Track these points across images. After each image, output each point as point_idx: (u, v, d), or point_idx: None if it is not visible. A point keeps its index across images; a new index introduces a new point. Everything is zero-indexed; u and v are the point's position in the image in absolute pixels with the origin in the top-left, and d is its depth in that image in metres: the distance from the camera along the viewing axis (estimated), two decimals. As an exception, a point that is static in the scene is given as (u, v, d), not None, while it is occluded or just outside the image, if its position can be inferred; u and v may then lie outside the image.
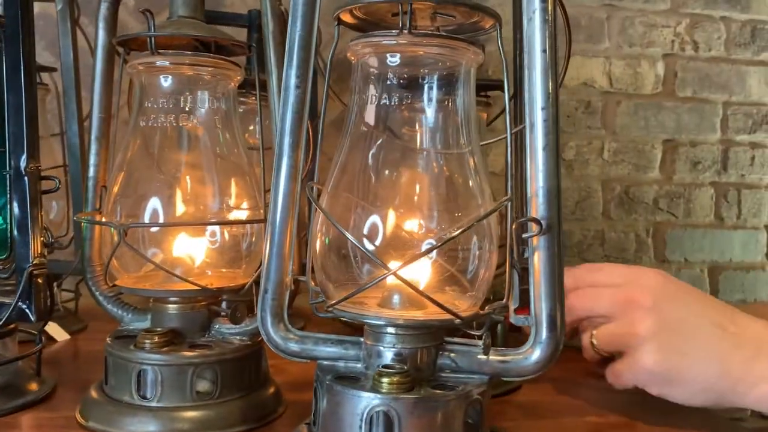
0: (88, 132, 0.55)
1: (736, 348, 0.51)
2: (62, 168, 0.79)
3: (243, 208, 0.54)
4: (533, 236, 0.41)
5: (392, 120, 0.45)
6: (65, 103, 0.75)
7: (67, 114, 0.75)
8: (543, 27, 0.41)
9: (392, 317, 0.42)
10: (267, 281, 0.45)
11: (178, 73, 0.51)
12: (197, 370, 0.49)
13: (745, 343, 0.51)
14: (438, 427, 0.41)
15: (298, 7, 0.44)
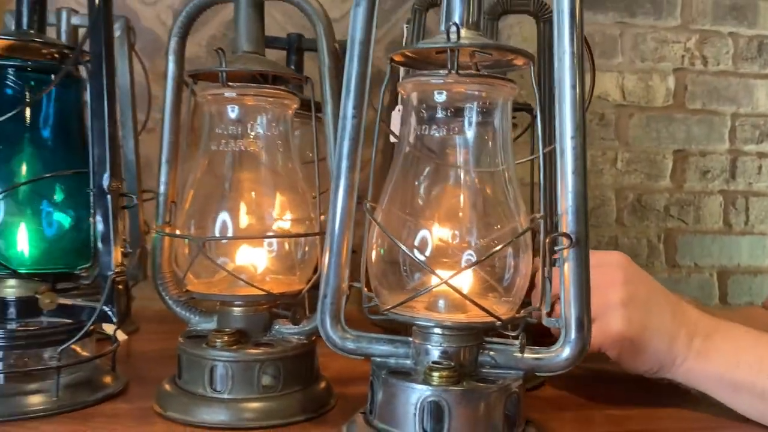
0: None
1: (682, 327, 0.59)
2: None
3: (298, 221, 0.60)
4: (564, 249, 0.47)
5: (438, 145, 0.51)
6: (122, 121, 0.82)
7: (124, 132, 0.81)
8: (572, 67, 0.47)
9: (440, 319, 0.49)
10: (326, 287, 0.52)
11: (243, 103, 0.57)
12: (263, 366, 0.56)
13: (687, 324, 0.59)
14: (481, 416, 0.47)
15: (355, 48, 0.50)
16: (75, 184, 0.60)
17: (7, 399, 0.56)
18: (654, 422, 0.60)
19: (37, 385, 0.57)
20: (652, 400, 0.64)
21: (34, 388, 0.57)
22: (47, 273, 0.58)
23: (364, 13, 0.50)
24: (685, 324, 0.60)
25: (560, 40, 0.48)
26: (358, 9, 0.50)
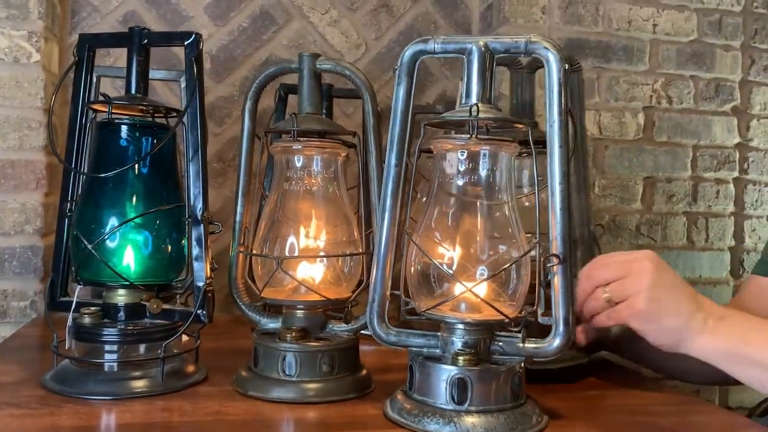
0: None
1: (698, 310, 0.72)
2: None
3: (346, 242, 0.77)
4: (554, 266, 0.64)
5: (460, 186, 0.68)
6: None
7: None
8: (559, 131, 0.65)
9: (462, 318, 0.65)
10: (374, 293, 0.68)
11: (306, 153, 0.74)
12: (322, 356, 0.72)
13: (703, 308, 0.73)
14: (494, 389, 0.64)
15: (398, 116, 0.67)
16: (169, 213, 0.76)
17: (120, 382, 0.71)
18: (628, 398, 0.77)
19: (141, 372, 0.72)
20: (628, 381, 0.81)
21: (140, 374, 0.72)
22: (152, 284, 0.74)
23: (404, 90, 0.67)
24: (701, 308, 0.72)
25: (550, 111, 0.65)
26: (400, 87, 0.67)
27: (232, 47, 1.29)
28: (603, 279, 0.74)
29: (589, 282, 0.75)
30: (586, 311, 0.76)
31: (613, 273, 0.74)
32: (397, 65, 0.67)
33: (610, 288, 0.74)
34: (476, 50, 0.65)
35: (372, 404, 0.71)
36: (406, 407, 0.65)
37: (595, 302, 0.75)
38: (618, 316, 0.73)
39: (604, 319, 0.75)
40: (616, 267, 0.75)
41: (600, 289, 0.74)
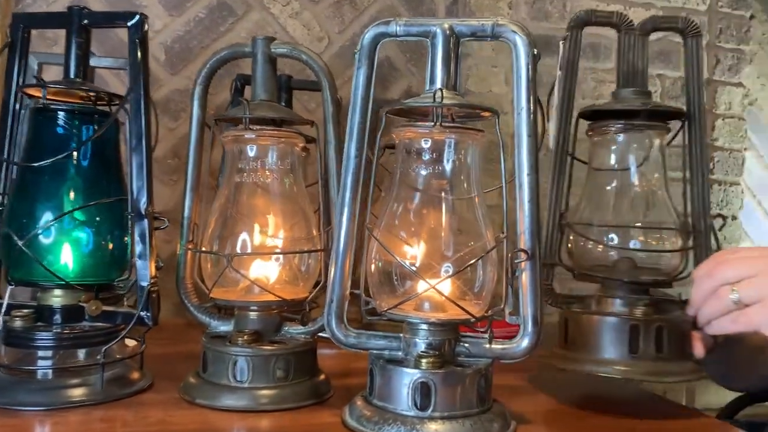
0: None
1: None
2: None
3: (303, 238, 0.72)
4: (522, 261, 0.61)
5: (423, 178, 0.64)
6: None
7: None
8: (528, 119, 0.61)
9: (426, 317, 0.61)
10: (332, 293, 0.64)
11: (260, 143, 0.69)
12: (276, 360, 0.67)
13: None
14: (459, 393, 0.60)
15: (357, 103, 0.63)
16: (111, 208, 0.70)
17: (55, 391, 0.65)
18: (600, 402, 0.74)
19: (79, 379, 0.67)
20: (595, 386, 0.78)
21: (77, 382, 0.66)
22: (91, 284, 0.68)
23: (364, 75, 0.63)
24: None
25: (518, 99, 0.61)
26: (360, 72, 0.63)
27: (188, 38, 1.23)
28: (730, 276, 0.63)
29: (710, 281, 0.64)
30: (704, 314, 0.66)
31: (744, 270, 0.63)
32: (357, 49, 0.63)
33: (740, 287, 0.62)
34: (441, 33, 0.61)
35: (330, 411, 0.66)
36: (365, 414, 0.61)
37: (718, 303, 0.64)
38: (748, 321, 0.62)
39: (729, 324, 0.63)
40: (747, 263, 0.63)
41: (726, 287, 0.63)
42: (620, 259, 0.75)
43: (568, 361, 0.71)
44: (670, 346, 0.68)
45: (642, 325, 0.68)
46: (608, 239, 0.75)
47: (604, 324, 0.70)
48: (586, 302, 0.75)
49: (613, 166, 0.79)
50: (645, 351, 0.68)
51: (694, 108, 0.79)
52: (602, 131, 0.78)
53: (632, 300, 0.71)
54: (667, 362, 0.69)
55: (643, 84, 0.76)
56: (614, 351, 0.69)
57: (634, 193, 0.78)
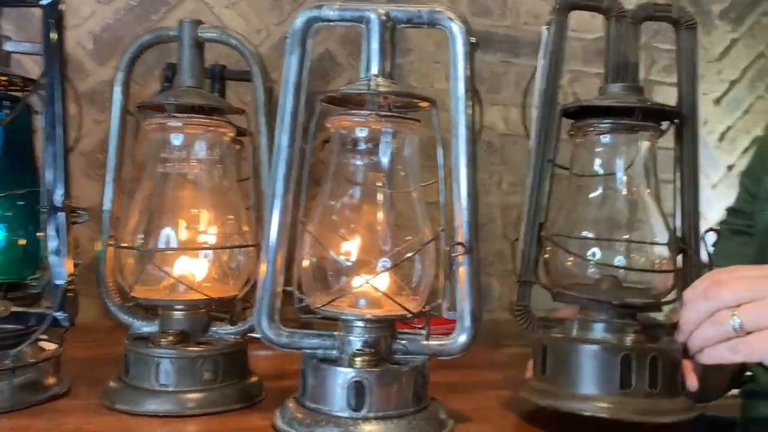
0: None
1: None
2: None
3: (233, 234, 0.69)
4: (459, 255, 0.59)
5: (359, 170, 0.62)
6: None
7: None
8: (465, 109, 0.60)
9: (362, 314, 0.59)
10: (263, 291, 0.61)
11: (186, 131, 0.66)
12: (203, 362, 0.63)
13: None
14: (395, 392, 0.58)
15: (289, 89, 0.60)
16: (24, 201, 0.65)
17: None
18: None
19: (-13, 386, 0.62)
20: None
21: (-16, 389, 0.61)
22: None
23: (296, 60, 0.60)
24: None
25: (455, 88, 0.60)
26: (292, 57, 0.60)
27: (118, 27, 1.17)
28: (729, 299, 0.55)
29: (706, 303, 0.56)
30: (697, 341, 0.58)
31: (745, 292, 0.55)
32: (288, 33, 0.60)
33: (742, 311, 0.54)
34: (376, 18, 0.59)
35: (261, 414, 0.63)
36: (297, 417, 0.58)
37: (714, 328, 0.56)
38: (750, 350, 0.54)
39: (727, 353, 0.55)
40: (748, 284, 0.55)
41: (724, 311, 0.55)
42: (603, 277, 0.64)
43: (547, 396, 0.61)
44: (664, 379, 0.60)
45: (635, 356, 0.59)
46: (590, 254, 0.65)
47: (590, 353, 0.60)
48: (567, 326, 0.65)
49: (597, 171, 0.68)
50: (638, 386, 0.59)
51: (687, 106, 0.68)
52: (587, 131, 0.68)
53: (619, 325, 0.62)
54: (660, 398, 0.60)
55: (634, 78, 0.66)
56: (602, 385, 0.59)
57: (621, 202, 0.67)
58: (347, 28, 1.28)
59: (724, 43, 1.72)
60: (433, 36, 1.29)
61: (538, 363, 0.64)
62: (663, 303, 0.64)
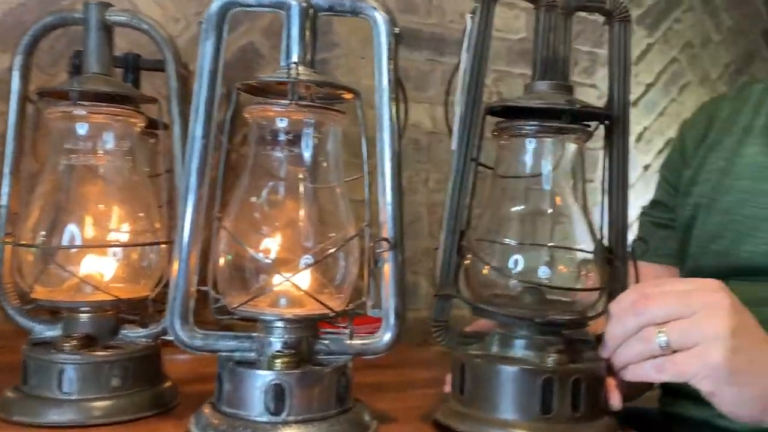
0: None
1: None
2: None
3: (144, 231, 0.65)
4: (384, 251, 0.57)
5: (279, 163, 0.59)
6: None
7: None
8: (389, 100, 0.58)
9: (282, 313, 0.56)
10: (176, 291, 0.57)
11: (92, 121, 0.61)
12: (111, 367, 0.59)
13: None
14: (317, 395, 0.55)
15: (204, 77, 0.57)
16: None
17: None
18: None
19: None
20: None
21: None
22: None
23: (211, 46, 0.57)
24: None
25: (379, 80, 0.58)
26: (207, 42, 0.57)
27: (21, 12, 1.10)
28: (657, 315, 0.53)
29: (633, 318, 0.53)
30: (622, 357, 0.55)
31: (674, 308, 0.53)
32: (203, 18, 0.57)
33: (669, 328, 0.52)
34: (296, 5, 0.56)
35: (175, 421, 0.59)
36: (213, 423, 0.54)
37: (640, 345, 0.53)
38: (678, 371, 0.52)
39: (652, 372, 0.53)
40: (677, 300, 0.53)
41: (651, 328, 0.53)
42: (525, 288, 0.60)
43: (465, 420, 0.57)
44: (587, 401, 0.56)
45: (557, 378, 0.55)
46: (512, 263, 0.60)
47: (509, 376, 0.56)
48: (487, 341, 0.61)
49: (523, 174, 0.63)
50: (560, 411, 0.55)
51: (618, 106, 0.63)
52: (512, 133, 0.63)
53: (542, 343, 0.58)
54: (583, 423, 0.56)
55: (564, 75, 0.61)
56: (521, 410, 0.55)
57: (546, 207, 0.63)
58: (271, 20, 1.25)
59: (641, 47, 1.78)
60: (359, 31, 1.27)
61: (457, 381, 0.59)
62: (588, 319, 0.60)
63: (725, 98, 0.86)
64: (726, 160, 0.78)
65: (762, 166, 0.74)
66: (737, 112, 0.81)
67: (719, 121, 0.83)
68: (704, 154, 0.81)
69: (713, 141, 0.81)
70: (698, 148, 0.83)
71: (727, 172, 0.77)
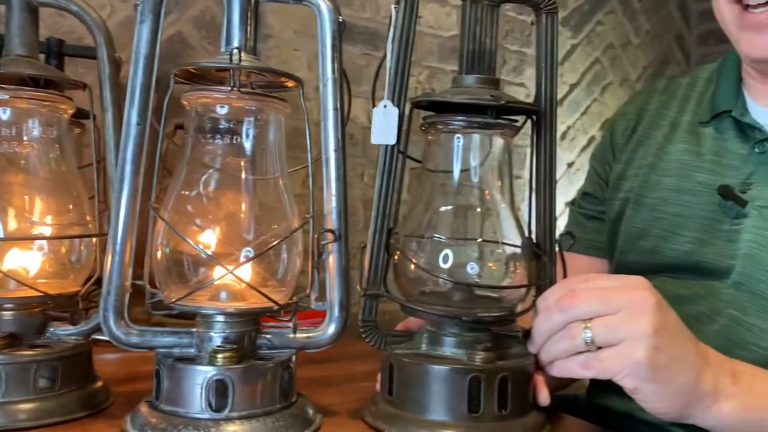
0: None
1: (707, 366, 0.54)
2: None
3: (73, 223, 0.61)
4: (329, 243, 0.57)
5: (219, 153, 0.57)
6: None
7: None
8: (334, 91, 0.58)
9: (223, 307, 0.55)
10: (110, 285, 0.55)
11: (16, 106, 0.57)
12: (38, 368, 0.56)
13: (709, 363, 0.55)
14: (260, 390, 0.54)
15: (140, 61, 0.54)
16: None
17: None
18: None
19: None
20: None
21: None
22: None
23: (148, 30, 0.55)
24: (708, 362, 0.55)
25: (323, 69, 0.57)
26: (143, 26, 0.55)
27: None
28: (582, 311, 0.53)
29: (559, 314, 0.54)
30: (548, 353, 0.56)
31: (600, 305, 0.53)
32: (139, 0, 0.54)
33: (594, 325, 0.53)
34: (238, -10, 0.55)
35: (108, 422, 0.57)
36: (151, 421, 0.52)
37: (566, 342, 0.54)
38: (603, 367, 0.53)
39: (577, 368, 0.54)
40: (604, 296, 0.54)
41: (577, 324, 0.53)
42: (454, 285, 0.60)
43: (394, 421, 0.56)
44: (515, 398, 0.56)
45: (484, 378, 0.55)
46: (441, 258, 0.60)
47: (436, 375, 0.55)
48: (416, 340, 0.60)
49: (448, 169, 0.63)
50: (487, 409, 0.55)
51: (545, 101, 0.62)
52: (439, 128, 0.63)
53: (470, 340, 0.58)
54: (511, 420, 0.56)
55: (490, 69, 0.61)
56: (449, 410, 0.55)
57: (475, 203, 0.63)
58: (202, 9, 1.21)
59: (566, 48, 1.84)
60: (292, 22, 1.25)
61: (386, 382, 0.59)
62: (517, 315, 0.60)
63: (655, 90, 0.87)
64: (654, 155, 0.80)
65: (686, 163, 0.76)
66: (665, 107, 0.83)
67: (648, 113, 0.84)
68: (634, 148, 0.83)
69: (642, 135, 0.83)
70: (628, 141, 0.84)
71: (654, 168, 0.79)
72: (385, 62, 0.62)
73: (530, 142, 0.63)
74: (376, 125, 0.60)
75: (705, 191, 0.72)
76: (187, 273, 0.56)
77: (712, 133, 0.76)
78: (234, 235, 0.56)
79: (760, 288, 0.66)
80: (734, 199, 0.69)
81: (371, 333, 0.60)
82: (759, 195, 0.69)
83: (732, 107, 0.74)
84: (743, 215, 0.69)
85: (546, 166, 0.62)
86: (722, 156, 0.74)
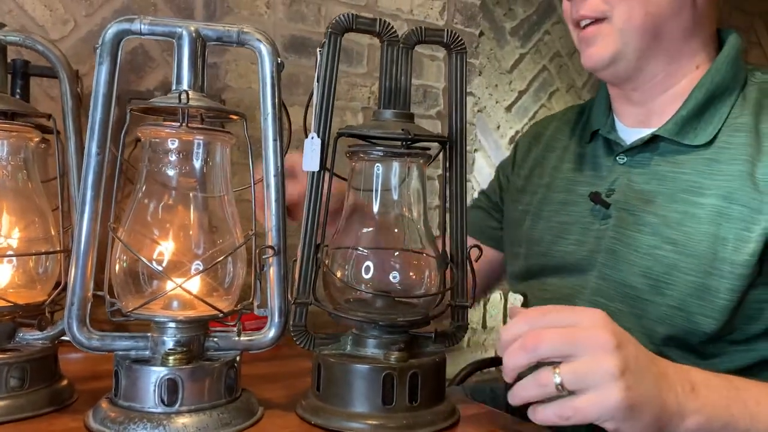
0: None
1: (669, 387, 0.57)
2: None
3: (40, 239, 0.68)
4: (269, 257, 0.65)
5: (171, 177, 0.65)
6: None
7: None
8: (273, 123, 0.65)
9: (174, 316, 0.62)
10: (73, 296, 0.62)
11: (-13, 135, 0.64)
12: (9, 369, 0.63)
13: (669, 380, 0.58)
14: (207, 387, 0.62)
15: (99, 99, 0.61)
16: None
17: None
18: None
19: None
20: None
21: None
22: None
23: (106, 71, 0.61)
24: (668, 380, 0.58)
25: (264, 104, 0.65)
26: (102, 67, 0.62)
27: None
28: (546, 353, 0.55)
29: (525, 354, 0.56)
30: (520, 396, 0.58)
31: (563, 347, 0.55)
32: (98, 44, 0.61)
33: (562, 371, 0.55)
34: (187, 35, 0.62)
35: (73, 416, 0.64)
36: (110, 416, 0.60)
37: (538, 390, 0.56)
38: (582, 416, 0.55)
39: (559, 421, 0.56)
40: (565, 338, 0.56)
41: (547, 372, 0.55)
42: (377, 294, 0.67)
43: (321, 414, 0.64)
44: (425, 392, 0.64)
45: (396, 374, 0.63)
46: (364, 269, 0.67)
47: (355, 373, 0.63)
48: (342, 342, 0.68)
49: (371, 192, 0.70)
50: (399, 402, 0.63)
51: (455, 131, 0.70)
52: (361, 156, 0.70)
53: (387, 341, 0.66)
54: (421, 410, 0.64)
55: (404, 104, 0.68)
56: (366, 403, 0.63)
57: (394, 221, 0.71)
58: (162, 25, 1.28)
59: (514, 56, 1.93)
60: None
61: (314, 379, 0.67)
62: (431, 318, 0.68)
63: (554, 118, 1.02)
64: (549, 176, 0.92)
65: (572, 180, 0.88)
66: (560, 132, 0.96)
67: (545, 138, 0.98)
68: (531, 167, 0.96)
69: (540, 157, 0.96)
70: (526, 160, 0.98)
71: (550, 186, 0.91)
72: (313, 98, 0.69)
73: (443, 167, 0.71)
74: (306, 154, 0.67)
75: (584, 201, 0.84)
76: (142, 285, 0.63)
77: (591, 152, 0.88)
78: (184, 249, 0.64)
79: (620, 276, 0.78)
80: (601, 203, 0.81)
81: (302, 336, 0.68)
82: (619, 198, 0.81)
83: (601, 126, 0.87)
84: (608, 216, 0.81)
85: (457, 189, 0.71)
86: (597, 170, 0.86)
